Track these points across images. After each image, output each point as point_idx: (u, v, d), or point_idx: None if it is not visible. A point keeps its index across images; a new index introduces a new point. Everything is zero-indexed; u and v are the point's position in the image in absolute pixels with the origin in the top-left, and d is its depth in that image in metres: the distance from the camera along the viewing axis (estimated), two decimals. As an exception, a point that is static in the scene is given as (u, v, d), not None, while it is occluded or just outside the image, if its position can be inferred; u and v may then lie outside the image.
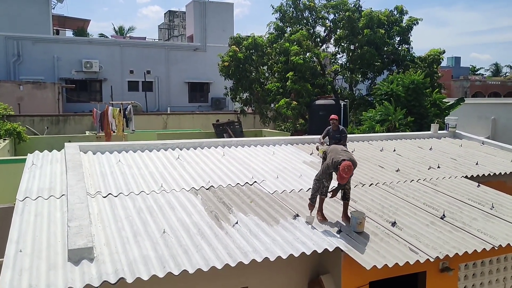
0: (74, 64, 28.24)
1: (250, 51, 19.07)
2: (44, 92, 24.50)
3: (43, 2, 28.01)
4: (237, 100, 20.65)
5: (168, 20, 40.41)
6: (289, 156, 8.87)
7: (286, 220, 5.69)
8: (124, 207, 5.73)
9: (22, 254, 4.43)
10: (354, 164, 5.46)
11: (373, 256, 4.95)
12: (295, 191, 6.87)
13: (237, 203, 6.21)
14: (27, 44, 27.16)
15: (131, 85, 29.97)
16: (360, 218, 5.50)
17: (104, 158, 7.80)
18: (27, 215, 5.36)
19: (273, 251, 4.84)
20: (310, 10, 19.49)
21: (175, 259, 4.48)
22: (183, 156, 8.31)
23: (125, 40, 31.88)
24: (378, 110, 14.83)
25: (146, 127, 20.97)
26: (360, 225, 5.48)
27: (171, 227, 5.23)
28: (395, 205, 6.53)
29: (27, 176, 6.77)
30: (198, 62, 31.37)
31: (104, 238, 4.84)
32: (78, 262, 4.31)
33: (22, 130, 15.96)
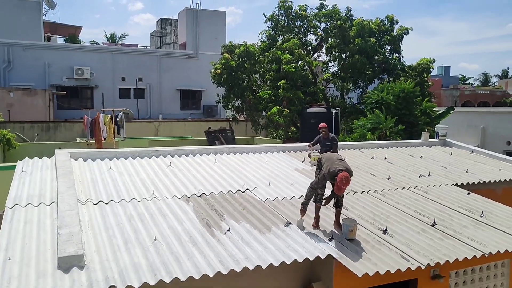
0: (65, 71, 28.10)
1: (243, 59, 19.15)
2: (34, 98, 24.33)
3: (35, 8, 27.92)
4: (229, 108, 20.69)
5: (161, 28, 40.44)
6: (281, 164, 8.88)
7: (278, 228, 5.69)
8: (115, 214, 5.69)
9: (11, 262, 4.37)
10: (350, 174, 5.49)
11: (364, 263, 4.96)
12: (287, 198, 6.87)
13: (229, 210, 6.20)
14: (18, 51, 26.99)
15: (123, 92, 29.87)
16: (351, 226, 5.51)
17: (95, 165, 7.75)
18: (17, 223, 5.30)
19: (265, 258, 4.83)
20: (302, 19, 19.65)
21: (167, 267, 4.45)
22: (175, 163, 8.29)
23: (117, 47, 31.82)
24: (369, 119, 14.94)
25: (137, 134, 20.89)
26: (351, 233, 5.49)
27: (162, 234, 5.19)
28: (387, 212, 6.56)
29: (16, 183, 6.70)
30: (190, 70, 31.39)
31: (95, 245, 4.80)
32: (68, 270, 4.26)
33: (12, 137, 15.81)
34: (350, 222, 5.57)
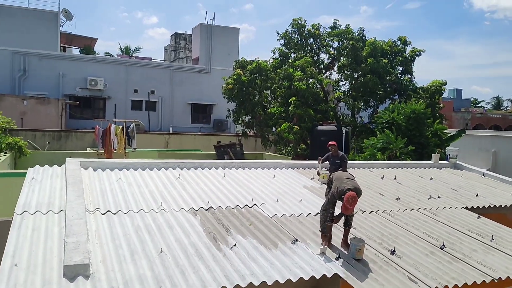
0: (79, 81, 28.53)
1: (254, 75, 19.31)
2: (47, 107, 24.69)
3: (53, 19, 28.51)
4: (239, 123, 20.77)
5: (174, 42, 40.99)
6: (289, 180, 8.86)
7: (285, 245, 5.65)
8: (122, 225, 5.70)
9: (17, 268, 4.38)
10: (358, 194, 5.45)
11: (371, 283, 4.90)
12: (295, 215, 6.83)
13: (236, 225, 6.17)
14: (33, 60, 27.51)
15: (135, 104, 30.20)
16: (359, 245, 5.46)
17: (104, 175, 7.80)
18: (24, 230, 5.32)
19: (271, 275, 4.79)
20: (315, 38, 19.81)
21: (172, 279, 4.43)
22: (184, 176, 8.30)
23: (130, 60, 32.29)
24: (380, 138, 14.89)
25: (147, 146, 21.03)
26: (359, 252, 5.43)
27: (168, 247, 5.18)
28: (395, 233, 6.49)
29: (26, 190, 6.75)
30: (202, 84, 31.68)
31: (101, 255, 4.80)
32: (73, 279, 4.26)
33: (24, 145, 16.00)
34: (358, 242, 5.51)
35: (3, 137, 15.54)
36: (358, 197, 5.46)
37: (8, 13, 27.12)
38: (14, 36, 26.92)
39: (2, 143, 15.17)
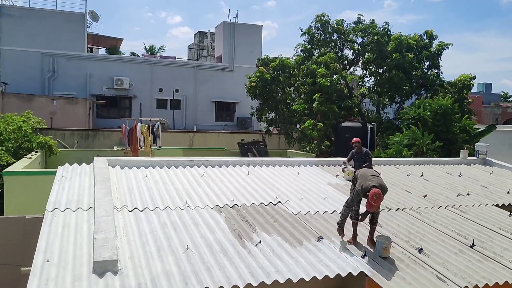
0: (105, 81, 29.06)
1: (278, 72, 19.24)
2: (75, 107, 25.25)
3: (80, 21, 29.11)
4: (263, 120, 20.76)
5: (198, 41, 41.26)
6: (314, 178, 8.82)
7: (310, 242, 5.63)
8: (149, 221, 5.80)
9: (49, 264, 4.51)
10: (383, 191, 5.38)
11: (398, 282, 4.83)
12: (320, 213, 6.80)
13: (260, 222, 6.19)
14: (62, 61, 28.17)
15: (160, 103, 30.56)
16: (385, 243, 5.39)
17: (131, 173, 7.94)
18: (55, 226, 5.48)
19: (296, 272, 4.79)
20: (339, 33, 19.59)
21: (198, 276, 4.48)
22: (208, 173, 8.37)
23: (155, 59, 32.68)
24: (406, 135, 14.63)
25: (172, 144, 21.26)
26: (385, 250, 5.37)
27: (194, 243, 5.24)
28: (422, 231, 6.37)
29: (56, 188, 6.94)
30: (226, 82, 31.81)
31: (129, 251, 4.89)
32: (102, 275, 4.36)
33: (54, 144, 16.40)
34: (384, 239, 5.44)
35: (34, 137, 15.97)
36: (384, 194, 5.39)
37: (37, 16, 27.85)
38: (43, 38, 27.62)
39: (33, 142, 15.60)
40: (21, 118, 16.37)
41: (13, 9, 27.77)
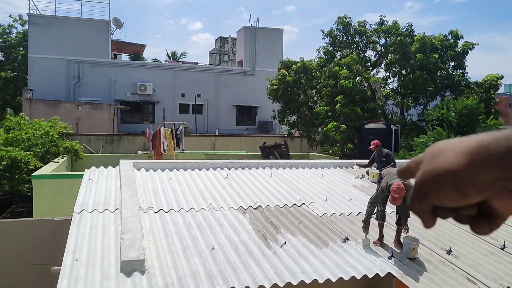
0: (129, 86, 29.53)
1: (299, 75, 19.22)
2: (100, 112, 25.74)
3: (104, 28, 29.71)
4: (285, 123, 20.74)
5: (219, 46, 41.57)
6: (338, 179, 8.74)
7: (336, 243, 5.58)
8: (174, 222, 5.85)
9: (78, 263, 4.59)
10: (407, 187, 5.30)
11: (427, 283, 4.74)
12: (345, 214, 6.73)
13: (285, 224, 6.17)
14: (86, 68, 28.78)
15: (182, 108, 30.87)
16: (413, 244, 5.29)
17: (156, 175, 8.03)
18: (83, 227, 5.58)
19: (322, 273, 4.75)
20: (361, 35, 19.46)
21: (224, 276, 4.49)
22: (231, 175, 8.40)
23: (177, 65, 33.05)
24: (431, 136, 14.39)
25: (195, 148, 21.43)
26: (413, 251, 5.27)
27: (219, 244, 5.26)
28: (450, 232, 6.23)
29: (84, 190, 7.07)
30: (247, 86, 31.92)
31: (155, 251, 4.94)
32: (130, 274, 4.41)
33: (79, 148, 16.73)
34: (411, 240, 5.35)
35: (61, 142, 16.33)
36: (407, 190, 5.31)
37: (63, 24, 28.55)
38: (69, 45, 28.28)
39: (60, 147, 15.95)
40: (48, 124, 16.78)
41: (40, 18, 28.55)
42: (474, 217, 0.58)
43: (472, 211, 0.58)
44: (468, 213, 0.58)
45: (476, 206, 0.57)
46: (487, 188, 0.53)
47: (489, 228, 0.59)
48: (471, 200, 0.55)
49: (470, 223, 0.59)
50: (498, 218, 0.58)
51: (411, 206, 0.61)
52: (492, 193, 0.54)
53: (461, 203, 0.56)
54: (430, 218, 0.60)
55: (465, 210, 0.57)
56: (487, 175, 0.53)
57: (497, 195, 0.53)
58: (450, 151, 0.56)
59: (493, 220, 0.58)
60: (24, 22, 33.26)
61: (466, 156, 0.54)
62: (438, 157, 0.56)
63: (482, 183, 0.53)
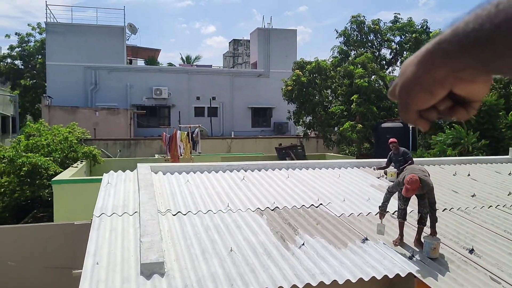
0: (145, 91, 29.82)
1: (314, 75, 19.15)
2: (117, 117, 26.05)
3: (119, 34, 30.08)
4: (300, 124, 20.67)
5: (233, 49, 41.69)
6: (355, 179, 8.67)
7: (355, 244, 5.52)
8: (192, 225, 5.87)
9: (98, 266, 4.64)
10: (424, 183, 5.25)
11: (449, 283, 4.65)
12: (363, 214, 6.67)
13: (302, 224, 6.14)
14: (103, 73, 29.16)
15: (197, 111, 31.03)
16: (434, 243, 5.21)
17: (173, 178, 8.08)
18: (103, 231, 5.63)
19: (341, 274, 4.70)
20: (375, 33, 19.31)
21: (243, 277, 4.48)
22: (248, 177, 8.39)
23: (192, 68, 33.26)
24: (449, 134, 14.17)
25: (211, 151, 21.52)
26: (434, 251, 5.19)
27: (237, 246, 5.25)
28: (472, 231, 6.12)
29: (103, 194, 7.15)
30: (261, 88, 31.93)
31: (174, 254, 4.96)
32: (150, 276, 4.44)
33: (98, 153, 16.95)
34: (432, 240, 5.27)
35: (79, 147, 16.59)
36: (425, 188, 5.26)
37: (79, 31, 29.01)
38: (86, 52, 28.71)
39: (79, 152, 16.19)
40: (67, 130, 17.06)
41: (57, 26, 29.06)
42: (452, 108, 0.70)
43: (448, 104, 0.69)
44: (445, 107, 0.70)
45: (449, 99, 0.68)
46: (445, 82, 0.65)
47: (466, 112, 0.71)
48: (439, 95, 0.67)
49: (450, 114, 0.71)
50: (472, 103, 0.70)
51: (402, 118, 0.74)
52: (451, 84, 0.65)
53: (434, 101, 0.68)
54: (421, 122, 0.72)
55: (441, 105, 0.69)
56: (439, 72, 0.64)
57: (455, 85, 0.65)
58: (410, 64, 0.68)
59: (469, 106, 0.70)
60: (42, 30, 33.93)
61: (420, 64, 0.66)
62: (404, 73, 0.69)
63: (439, 80, 0.65)
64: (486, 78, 0.66)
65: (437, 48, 0.64)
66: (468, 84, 0.65)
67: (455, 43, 0.61)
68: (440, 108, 0.70)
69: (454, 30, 0.62)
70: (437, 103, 0.69)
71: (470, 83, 0.65)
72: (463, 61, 0.61)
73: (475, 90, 0.67)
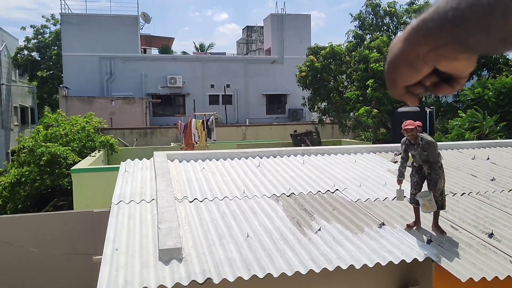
0: (159, 80, 29.93)
1: (328, 60, 18.94)
2: (133, 107, 26.26)
3: (133, 23, 30.15)
4: (315, 110, 20.54)
5: (246, 35, 41.43)
6: (371, 165, 8.60)
7: (371, 229, 5.50)
8: (209, 211, 5.92)
9: (118, 252, 4.72)
10: (423, 137, 5.46)
11: (468, 268, 4.61)
12: (380, 199, 6.63)
13: (318, 210, 6.13)
14: (118, 63, 29.33)
15: (212, 99, 31.06)
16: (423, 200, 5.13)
17: (189, 166, 8.14)
18: (122, 218, 5.72)
19: (358, 259, 4.70)
20: (391, 16, 18.95)
21: (259, 263, 4.51)
22: (263, 164, 8.40)
23: (206, 56, 33.22)
24: (466, 118, 13.93)
25: (226, 138, 21.58)
26: (424, 207, 5.16)
27: (254, 231, 5.29)
28: (492, 215, 6.04)
29: (120, 182, 7.25)
30: (276, 74, 31.75)
31: (191, 240, 5.02)
32: (168, 262, 4.51)
33: (114, 142, 17.16)
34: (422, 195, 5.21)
35: (97, 136, 16.80)
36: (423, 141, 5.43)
37: (94, 22, 29.15)
38: (100, 42, 28.88)
39: (96, 142, 16.41)
40: (84, 119, 17.28)
41: (72, 16, 29.25)
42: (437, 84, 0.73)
43: (433, 80, 0.72)
44: (430, 82, 0.72)
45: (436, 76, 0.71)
46: (428, 59, 0.67)
47: (451, 88, 0.73)
48: (424, 72, 0.70)
49: (436, 90, 0.74)
50: (457, 79, 0.72)
51: (390, 93, 0.77)
52: (434, 61, 0.67)
53: (420, 76, 0.71)
54: (409, 97, 0.75)
55: (427, 80, 0.72)
56: (423, 49, 0.66)
57: (438, 62, 0.67)
58: (397, 42, 0.70)
59: (454, 82, 0.72)
60: (56, 21, 34.23)
61: (405, 41, 0.69)
62: (391, 49, 0.72)
63: (423, 56, 0.67)
64: (468, 56, 0.68)
65: (421, 25, 0.66)
66: (450, 61, 0.67)
67: (435, 21, 0.63)
68: (426, 84, 0.73)
69: (436, 8, 0.64)
70: (423, 79, 0.72)
71: (452, 60, 0.67)
72: (442, 39, 0.63)
73: (458, 67, 0.69)
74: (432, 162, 5.35)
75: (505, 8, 0.56)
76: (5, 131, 28.35)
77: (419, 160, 5.52)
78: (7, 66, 30.86)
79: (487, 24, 0.58)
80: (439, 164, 5.38)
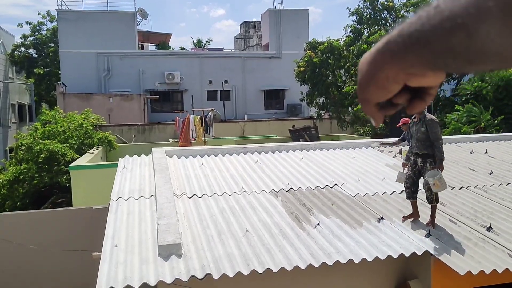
0: (157, 76, 29.87)
1: (326, 55, 18.93)
2: (131, 103, 26.21)
3: (130, 19, 30.05)
4: (314, 105, 20.55)
5: (244, 31, 41.34)
6: (370, 159, 8.61)
7: (370, 223, 5.52)
8: (208, 207, 5.92)
9: (117, 249, 4.73)
10: None
11: (467, 261, 4.63)
12: (379, 194, 6.64)
13: (317, 205, 6.14)
14: (115, 60, 29.25)
15: (210, 95, 31.03)
16: (433, 179, 5.11)
17: (188, 162, 8.13)
18: (120, 214, 5.72)
19: (357, 253, 4.71)
20: (389, 10, 18.93)
21: (259, 257, 4.52)
22: (262, 159, 8.41)
23: (203, 52, 33.15)
24: (463, 112, 13.96)
25: (224, 134, 21.58)
26: (434, 186, 5.16)
27: (253, 226, 5.29)
28: (490, 209, 6.06)
29: (119, 178, 7.24)
30: (274, 70, 31.71)
31: (191, 235, 5.02)
32: (167, 258, 4.51)
33: (113, 139, 17.13)
34: (432, 175, 5.17)
35: (95, 133, 16.77)
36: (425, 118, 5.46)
37: (91, 18, 29.05)
38: (98, 38, 28.79)
39: (94, 138, 16.38)
40: (82, 116, 17.24)
41: (68, 13, 29.13)
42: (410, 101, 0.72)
43: (406, 96, 0.71)
44: (403, 99, 0.72)
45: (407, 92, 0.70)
46: (398, 78, 0.67)
47: (423, 102, 0.73)
48: (395, 90, 0.69)
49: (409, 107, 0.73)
50: (428, 90, 0.71)
51: (364, 112, 0.76)
52: (404, 80, 0.67)
53: (390, 95, 0.70)
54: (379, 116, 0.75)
55: (399, 99, 0.72)
56: (391, 70, 0.66)
57: (408, 79, 0.67)
58: (364, 63, 0.69)
59: (425, 96, 0.72)
60: (52, 18, 34.07)
61: (372, 63, 0.68)
62: (360, 71, 0.71)
63: (392, 76, 0.67)
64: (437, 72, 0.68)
65: (385, 48, 0.66)
66: (420, 77, 0.67)
67: (399, 43, 0.63)
68: (399, 102, 0.72)
69: (400, 31, 0.63)
70: (395, 96, 0.71)
71: (422, 77, 0.67)
72: (408, 60, 0.63)
73: (429, 81, 0.69)
74: (433, 139, 5.33)
75: (468, 30, 0.55)
76: (2, 129, 28.28)
77: (415, 136, 5.51)
78: (4, 63, 30.73)
79: (452, 46, 0.57)
80: (440, 141, 5.38)
